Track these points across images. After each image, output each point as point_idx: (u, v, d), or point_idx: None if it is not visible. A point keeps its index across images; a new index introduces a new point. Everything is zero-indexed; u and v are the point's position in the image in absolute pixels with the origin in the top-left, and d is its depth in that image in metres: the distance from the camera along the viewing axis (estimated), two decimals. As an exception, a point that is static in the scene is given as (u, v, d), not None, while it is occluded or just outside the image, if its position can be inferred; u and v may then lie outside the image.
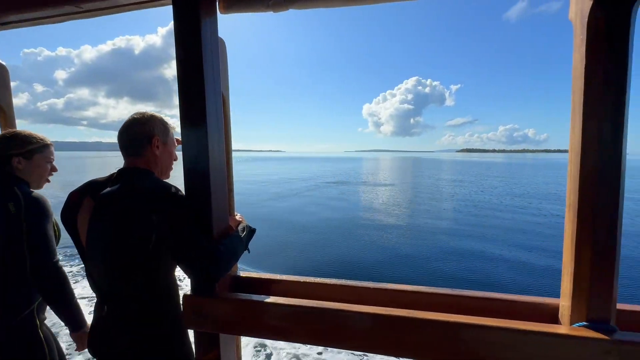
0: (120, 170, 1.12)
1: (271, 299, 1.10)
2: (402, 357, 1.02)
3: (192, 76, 1.05)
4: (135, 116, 1.15)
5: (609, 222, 0.87)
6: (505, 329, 0.93)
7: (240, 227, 1.25)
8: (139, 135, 1.12)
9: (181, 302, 1.14)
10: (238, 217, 1.37)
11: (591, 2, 0.84)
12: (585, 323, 0.91)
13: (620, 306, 0.95)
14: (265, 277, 1.31)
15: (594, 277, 0.89)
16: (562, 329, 0.93)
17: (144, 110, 1.19)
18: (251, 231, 1.27)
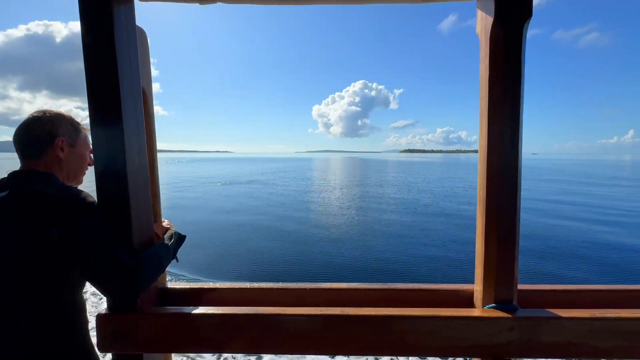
0: (11, 174, 0.94)
1: (203, 310, 1.03)
2: (339, 354, 1.04)
3: (102, 68, 0.93)
4: (36, 114, 0.98)
5: (510, 214, 1.00)
6: (428, 317, 1.00)
7: (167, 235, 1.15)
8: (38, 135, 0.96)
9: (95, 322, 1.00)
10: (165, 223, 1.26)
11: (492, 19, 0.96)
12: (493, 305, 1.03)
13: (520, 287, 1.09)
14: (197, 287, 1.22)
15: (499, 263, 1.01)
16: (476, 311, 1.04)
17: (52, 107, 1.01)
18: (180, 238, 1.18)
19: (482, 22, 1.01)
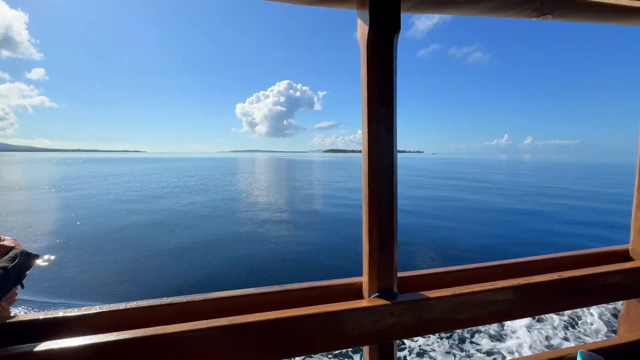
0: None
1: (63, 343, 0.85)
2: None
3: None
4: None
5: (388, 209, 1.09)
6: (319, 314, 1.03)
7: (8, 257, 0.92)
8: None
9: None
10: (8, 242, 1.01)
11: (367, 28, 1.03)
12: (377, 294, 1.11)
13: (400, 274, 1.21)
14: (55, 316, 1.01)
15: (381, 254, 1.10)
16: (364, 302, 1.11)
17: None
18: (26, 260, 0.95)
19: (361, 30, 1.07)
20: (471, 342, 4.64)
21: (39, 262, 1.04)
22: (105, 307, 1.03)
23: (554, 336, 4.78)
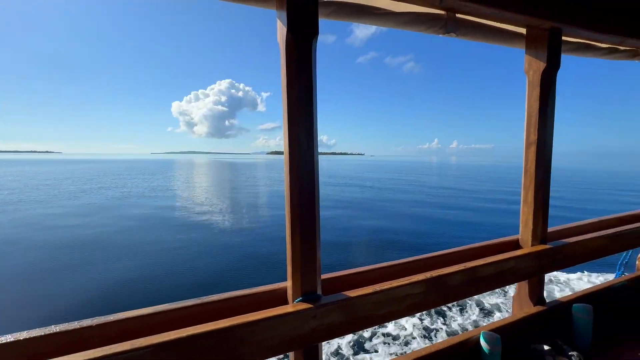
0: None
1: None
2: None
3: None
4: None
5: (310, 210, 1.09)
6: (241, 325, 0.97)
7: None
8: None
9: None
10: None
11: (286, 29, 1.01)
12: (301, 298, 1.10)
13: (324, 276, 1.22)
14: None
15: (304, 257, 1.09)
16: (288, 307, 1.09)
17: None
18: None
19: (280, 31, 1.06)
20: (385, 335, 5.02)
21: None
22: None
23: (466, 323, 5.42)
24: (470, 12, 1.41)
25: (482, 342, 1.36)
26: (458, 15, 1.45)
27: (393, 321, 5.29)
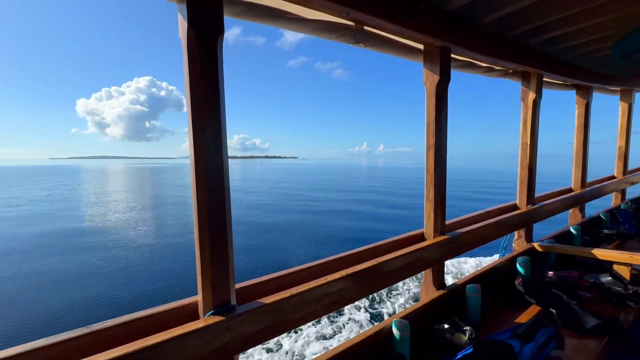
0: None
1: None
2: None
3: None
4: None
5: (220, 217, 1.03)
6: (140, 350, 0.87)
7: None
8: None
9: None
10: None
11: (187, 25, 0.95)
12: (212, 311, 1.04)
13: (238, 285, 1.17)
14: None
15: (215, 268, 1.03)
16: (199, 322, 1.01)
17: None
18: None
19: (181, 26, 0.98)
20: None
21: None
22: None
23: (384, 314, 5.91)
24: (375, 26, 1.52)
25: (394, 330, 1.48)
26: (366, 27, 1.56)
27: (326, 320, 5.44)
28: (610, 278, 2.11)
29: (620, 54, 1.95)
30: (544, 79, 2.66)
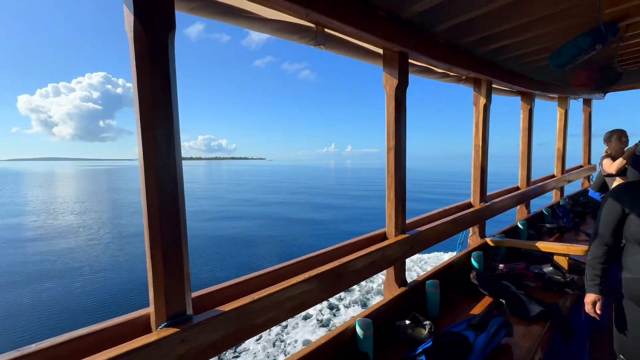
0: None
1: None
2: None
3: None
4: None
5: (174, 222, 0.97)
6: None
7: None
8: None
9: None
10: None
11: (133, 17, 0.88)
12: (166, 323, 0.97)
13: (195, 294, 1.12)
14: None
15: (169, 277, 0.97)
16: (151, 336, 0.94)
17: None
18: None
19: (127, 19, 0.91)
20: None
21: None
22: None
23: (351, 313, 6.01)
24: (335, 29, 1.53)
25: (357, 329, 1.50)
26: (326, 30, 1.57)
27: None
28: (551, 268, 2.31)
29: (556, 65, 2.16)
30: (493, 85, 2.87)
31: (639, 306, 1.50)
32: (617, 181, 3.26)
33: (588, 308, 1.64)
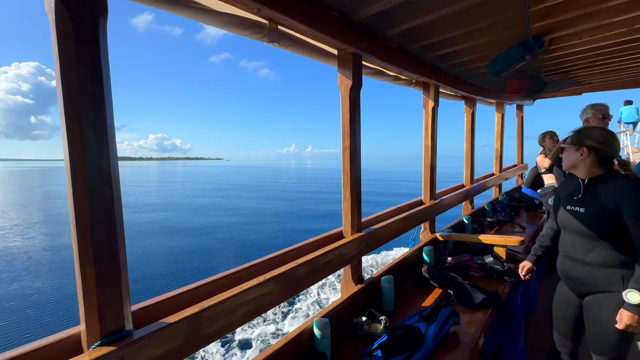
0: None
1: None
2: None
3: None
4: None
5: (108, 231, 0.88)
6: None
7: None
8: None
9: None
10: None
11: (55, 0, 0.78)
12: (100, 341, 0.87)
13: (136, 307, 1.02)
14: None
15: (103, 291, 0.87)
16: (83, 357, 0.84)
17: None
18: None
19: (48, 2, 0.80)
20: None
21: None
22: None
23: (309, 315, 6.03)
24: (289, 26, 1.51)
25: (315, 329, 1.49)
26: (280, 27, 1.54)
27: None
28: (491, 258, 2.52)
29: (493, 72, 2.36)
30: (440, 89, 3.06)
31: (563, 280, 1.70)
32: (548, 177, 3.65)
33: (520, 271, 1.97)
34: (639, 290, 1.32)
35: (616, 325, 1.39)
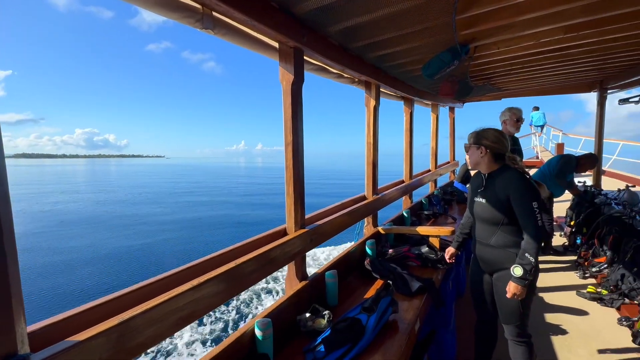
0: None
1: None
2: None
3: None
4: None
5: None
6: None
7: None
8: None
9: None
10: None
11: None
12: None
13: (33, 327, 0.87)
14: None
15: None
16: None
17: None
18: None
19: None
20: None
21: None
22: None
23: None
24: (223, 13, 1.43)
25: (256, 331, 1.44)
26: (215, 13, 1.44)
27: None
28: (427, 248, 2.71)
29: (427, 75, 2.53)
30: (381, 89, 3.19)
31: (478, 262, 1.91)
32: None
33: (446, 255, 2.23)
34: (521, 265, 1.58)
35: (506, 295, 1.65)
